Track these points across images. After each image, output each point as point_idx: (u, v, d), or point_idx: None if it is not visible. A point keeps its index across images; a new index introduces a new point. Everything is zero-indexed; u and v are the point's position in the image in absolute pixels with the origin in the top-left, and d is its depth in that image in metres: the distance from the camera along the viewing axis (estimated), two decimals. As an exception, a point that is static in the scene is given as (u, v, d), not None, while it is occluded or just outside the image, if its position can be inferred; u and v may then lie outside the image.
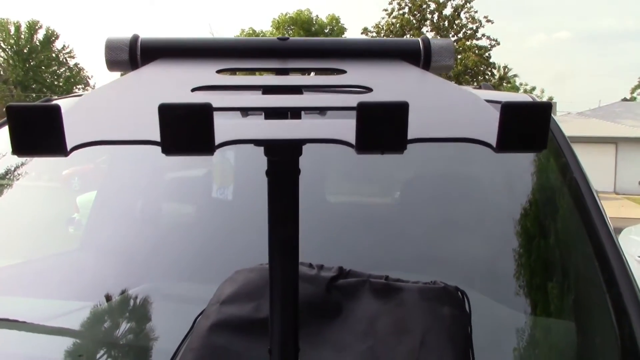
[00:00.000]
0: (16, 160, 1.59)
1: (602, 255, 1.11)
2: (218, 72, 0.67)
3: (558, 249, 1.28)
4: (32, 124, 0.40)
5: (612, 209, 1.25)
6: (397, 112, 0.41)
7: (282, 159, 0.54)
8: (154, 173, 1.58)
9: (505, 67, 30.51)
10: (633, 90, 43.14)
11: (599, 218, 1.20)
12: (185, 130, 0.41)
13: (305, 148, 0.56)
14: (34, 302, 1.26)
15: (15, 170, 1.59)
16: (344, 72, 0.68)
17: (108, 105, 0.52)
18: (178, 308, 1.17)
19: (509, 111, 0.43)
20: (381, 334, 0.87)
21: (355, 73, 0.67)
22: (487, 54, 28.54)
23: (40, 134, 0.40)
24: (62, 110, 0.40)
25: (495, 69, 29.54)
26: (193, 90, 0.56)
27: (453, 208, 1.40)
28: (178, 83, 0.61)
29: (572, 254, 1.27)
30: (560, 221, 1.34)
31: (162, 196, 1.58)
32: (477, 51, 28.08)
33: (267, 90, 0.61)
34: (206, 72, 0.66)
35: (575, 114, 26.48)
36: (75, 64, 39.33)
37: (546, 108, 0.43)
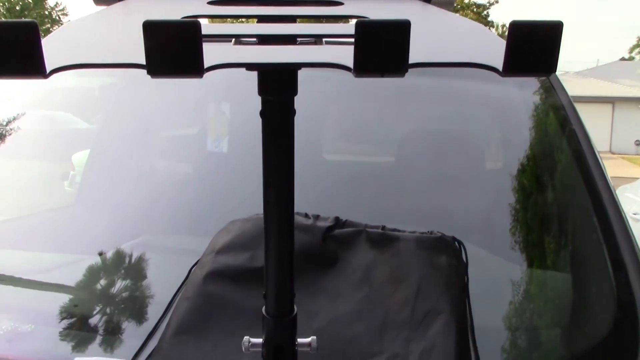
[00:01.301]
0: (11, 116, 1.57)
1: (600, 207, 1.10)
2: (209, 3, 0.64)
3: (555, 203, 1.27)
4: (8, 42, 0.38)
5: (607, 169, 1.24)
6: (398, 32, 0.39)
7: (277, 99, 0.52)
8: (148, 131, 1.57)
9: (503, 25, 30.19)
10: (631, 50, 42.80)
11: (598, 171, 1.19)
12: (172, 49, 0.38)
13: (302, 104, 0.54)
14: (29, 254, 1.26)
15: (9, 124, 1.57)
16: (340, 3, 0.65)
17: (92, 31, 0.50)
18: (173, 260, 1.17)
19: (517, 30, 0.40)
20: (377, 283, 0.87)
21: (353, 4, 0.65)
22: (485, 12, 28.21)
23: (17, 54, 0.38)
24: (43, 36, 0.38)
25: (493, 27, 29.25)
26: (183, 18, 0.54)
27: (450, 164, 1.38)
28: (167, 12, 0.59)
29: (570, 208, 1.26)
30: (558, 175, 1.33)
31: (156, 153, 1.57)
32: (475, 9, 27.75)
33: (261, 19, 0.59)
34: (197, 3, 0.63)
35: (573, 73, 26.30)
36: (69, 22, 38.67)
37: (557, 28, 0.41)
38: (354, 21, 0.42)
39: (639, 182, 5.11)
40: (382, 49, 0.39)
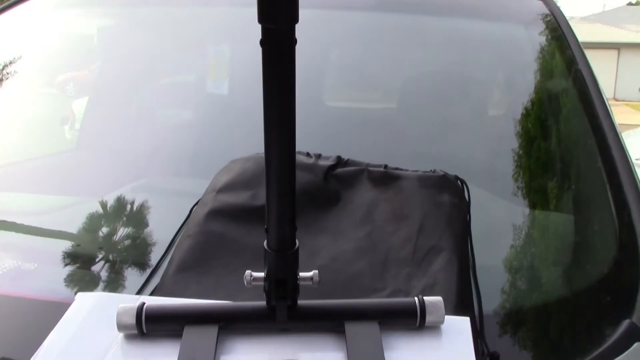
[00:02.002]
0: (10, 68, 1.56)
1: (604, 147, 1.10)
2: None
3: (560, 147, 1.26)
4: None
5: (611, 116, 1.23)
6: None
7: (278, 27, 0.51)
8: (147, 76, 1.55)
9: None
10: (639, -6, 42.00)
11: (603, 111, 1.17)
12: None
13: (302, 51, 0.52)
14: (31, 197, 1.26)
15: (7, 74, 1.56)
16: None
17: None
18: (175, 201, 1.17)
19: None
20: (379, 221, 0.86)
21: None
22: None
23: None
24: None
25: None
26: None
27: (453, 109, 1.37)
28: None
29: (574, 150, 1.25)
30: (563, 119, 1.32)
31: (156, 97, 1.55)
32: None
33: None
34: None
35: (578, 18, 25.88)
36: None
37: None
38: None
39: (642, 129, 5.10)
40: None
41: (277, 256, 0.57)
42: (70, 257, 0.98)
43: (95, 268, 0.96)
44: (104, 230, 1.09)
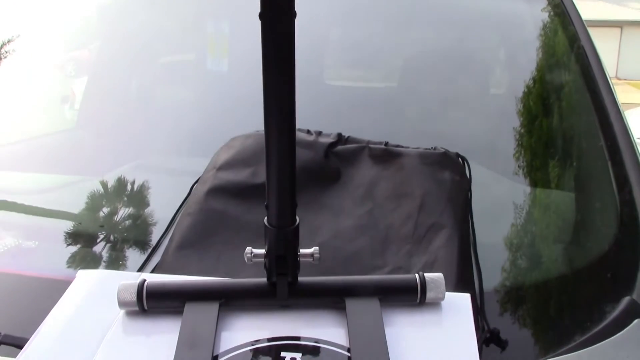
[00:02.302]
0: (9, 46, 1.55)
1: (606, 124, 1.09)
2: None
3: (561, 123, 1.26)
4: None
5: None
6: None
7: None
8: (146, 56, 1.54)
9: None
10: (642, -28, 41.66)
11: (606, 88, 1.17)
12: None
13: (302, 29, 0.51)
14: (31, 176, 1.26)
15: (6, 53, 1.55)
16: None
17: None
18: (175, 180, 1.17)
19: None
20: (380, 198, 0.86)
21: None
22: None
23: None
24: None
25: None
26: None
27: (454, 87, 1.36)
28: None
29: (576, 127, 1.24)
30: (565, 97, 1.31)
31: (155, 76, 1.55)
32: None
33: None
34: None
35: (581, -4, 25.64)
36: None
37: None
38: None
39: (645, 108, 5.08)
40: None
41: (277, 232, 0.57)
42: (71, 235, 0.98)
43: (96, 246, 0.96)
44: (105, 208, 1.09)
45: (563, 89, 1.33)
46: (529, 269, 0.93)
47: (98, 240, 0.98)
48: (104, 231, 1.01)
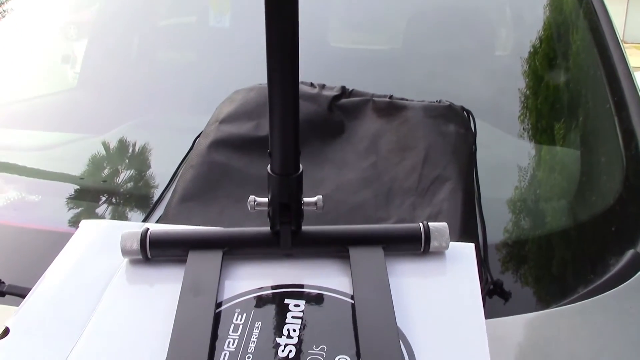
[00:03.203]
0: (7, 5, 1.53)
1: (614, 79, 1.08)
2: None
3: (568, 78, 1.24)
4: None
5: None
6: None
7: None
8: (146, 15, 1.52)
9: None
10: None
11: (614, 43, 1.15)
12: None
13: None
14: (34, 133, 1.25)
15: (4, 12, 1.53)
16: None
17: None
18: (177, 137, 1.16)
19: None
20: (384, 151, 0.86)
21: None
22: None
23: None
24: None
25: None
26: None
27: (458, 47, 1.34)
28: None
29: (583, 81, 1.23)
30: (573, 55, 1.29)
31: (155, 35, 1.53)
32: None
33: None
34: None
35: (588, -43, 25.21)
36: None
37: None
38: None
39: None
40: None
41: (280, 180, 0.56)
42: (74, 189, 0.98)
43: (99, 201, 0.96)
44: (107, 164, 1.08)
45: (570, 48, 1.31)
46: (533, 223, 0.92)
47: (101, 195, 0.98)
48: (107, 186, 1.00)
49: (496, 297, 0.74)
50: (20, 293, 0.66)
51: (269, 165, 0.57)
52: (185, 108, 1.29)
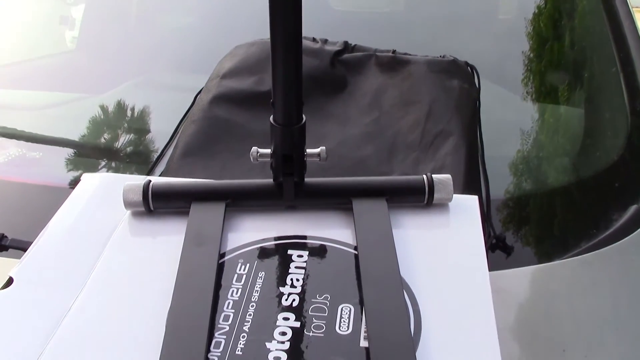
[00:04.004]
0: None
1: (619, 34, 1.06)
2: None
3: (573, 44, 1.23)
4: None
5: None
6: None
7: None
8: None
9: None
10: None
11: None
12: None
13: None
14: (34, 93, 1.24)
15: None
16: None
17: None
18: (178, 96, 1.15)
19: None
20: (387, 106, 0.85)
21: None
22: None
23: None
24: None
25: None
26: None
27: (462, 8, 1.32)
28: None
29: (588, 38, 1.21)
30: (578, 15, 1.27)
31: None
32: None
33: None
34: None
35: None
36: None
37: None
38: None
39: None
40: None
41: (283, 130, 0.55)
42: (75, 147, 0.97)
43: (100, 157, 0.96)
44: (108, 122, 1.08)
45: (577, 9, 1.29)
46: (536, 179, 0.92)
47: (102, 152, 0.97)
48: (108, 144, 1.00)
49: (499, 252, 0.74)
50: (23, 247, 0.66)
51: (272, 116, 0.56)
52: (186, 67, 1.28)
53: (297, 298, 0.50)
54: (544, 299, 0.68)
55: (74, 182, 0.66)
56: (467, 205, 0.61)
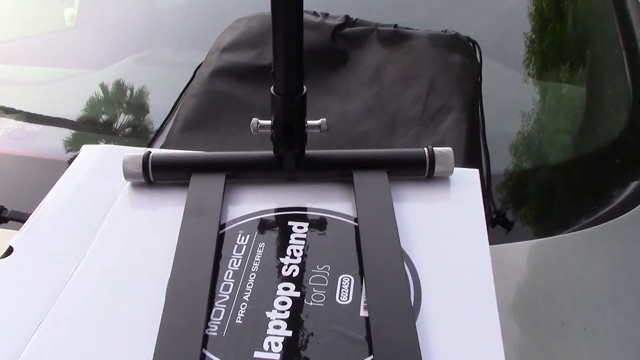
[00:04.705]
0: None
1: (623, 10, 1.05)
2: None
3: (575, 21, 1.21)
4: None
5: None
6: None
7: None
8: None
9: None
10: None
11: None
12: None
13: None
14: (33, 69, 1.24)
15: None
16: None
17: None
18: (177, 71, 1.14)
19: None
20: (388, 81, 0.84)
21: None
22: None
23: None
24: None
25: None
26: None
27: None
28: None
29: (590, 17, 1.20)
30: None
31: None
32: None
33: None
34: None
35: None
36: None
37: None
38: None
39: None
40: None
41: (284, 101, 0.55)
42: (75, 121, 0.97)
43: (100, 131, 0.96)
44: (108, 97, 1.07)
45: None
46: (537, 155, 0.92)
47: (101, 127, 0.97)
48: (108, 118, 0.99)
49: (499, 227, 0.74)
50: (23, 219, 0.66)
51: (272, 87, 0.55)
52: (185, 43, 1.27)
53: (297, 268, 0.50)
54: (544, 272, 0.68)
55: (74, 155, 0.66)
56: (467, 178, 0.61)
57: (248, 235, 0.53)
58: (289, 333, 0.44)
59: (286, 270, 0.49)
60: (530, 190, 0.85)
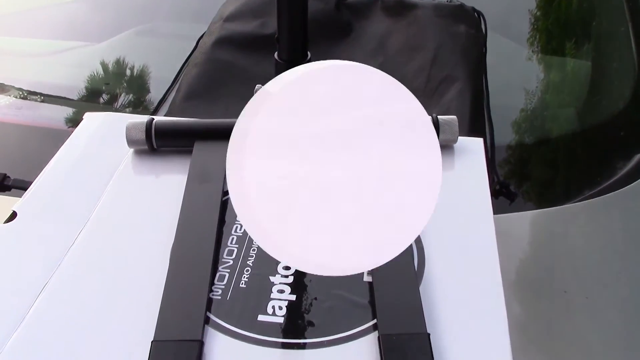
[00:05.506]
0: None
1: None
2: None
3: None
4: None
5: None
6: None
7: None
8: None
9: None
10: None
11: None
12: None
13: None
14: (36, 41, 1.23)
15: None
16: None
17: None
18: (180, 44, 1.14)
19: None
20: (392, 51, 0.84)
21: None
22: None
23: None
24: None
25: None
26: None
27: None
28: None
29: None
30: None
31: None
32: None
33: None
34: None
35: None
36: None
37: None
38: None
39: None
40: None
41: (288, 67, 0.54)
42: (77, 91, 0.97)
43: (102, 101, 0.95)
44: (111, 69, 1.07)
45: None
46: (542, 127, 0.91)
47: (104, 96, 0.96)
48: (110, 88, 0.99)
49: (502, 198, 0.74)
50: (26, 187, 0.65)
51: (276, 53, 0.55)
52: (187, 16, 1.26)
53: None
54: (547, 241, 0.69)
55: (76, 125, 0.66)
56: (472, 148, 0.61)
57: None
58: (293, 297, 0.44)
59: None
60: (534, 162, 0.85)
